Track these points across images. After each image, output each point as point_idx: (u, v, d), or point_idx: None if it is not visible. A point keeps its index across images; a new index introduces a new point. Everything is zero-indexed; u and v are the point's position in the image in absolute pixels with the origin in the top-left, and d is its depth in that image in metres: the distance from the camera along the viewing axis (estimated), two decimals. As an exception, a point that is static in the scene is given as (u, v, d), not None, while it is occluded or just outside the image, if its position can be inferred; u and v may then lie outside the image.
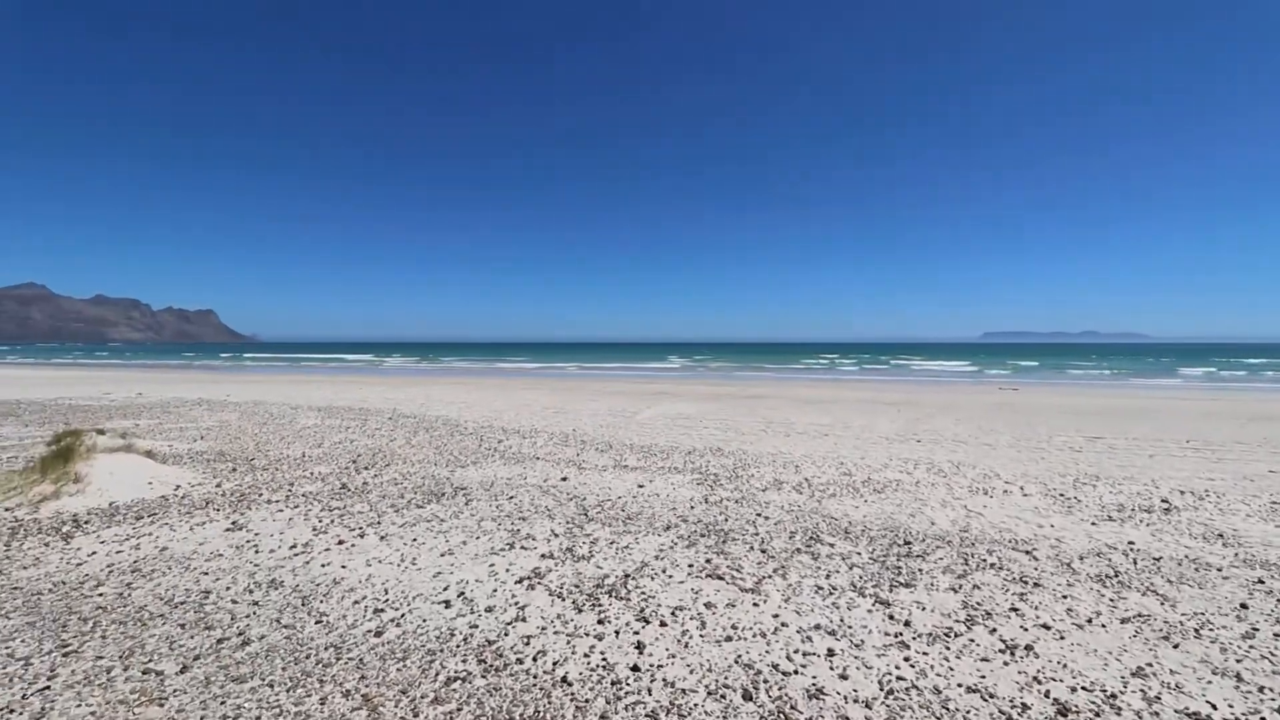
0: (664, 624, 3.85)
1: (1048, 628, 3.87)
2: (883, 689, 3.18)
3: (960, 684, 3.23)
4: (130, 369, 42.46)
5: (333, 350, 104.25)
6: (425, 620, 3.87)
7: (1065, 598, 4.32)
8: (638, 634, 3.72)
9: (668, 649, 3.56)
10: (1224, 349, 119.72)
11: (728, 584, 4.49)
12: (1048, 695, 3.14)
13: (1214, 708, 3.07)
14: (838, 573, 4.73)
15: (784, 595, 4.30)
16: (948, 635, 3.75)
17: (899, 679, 3.27)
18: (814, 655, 3.51)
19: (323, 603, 4.10)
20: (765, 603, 4.18)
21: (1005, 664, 3.44)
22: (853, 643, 3.65)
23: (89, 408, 15.36)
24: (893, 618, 3.98)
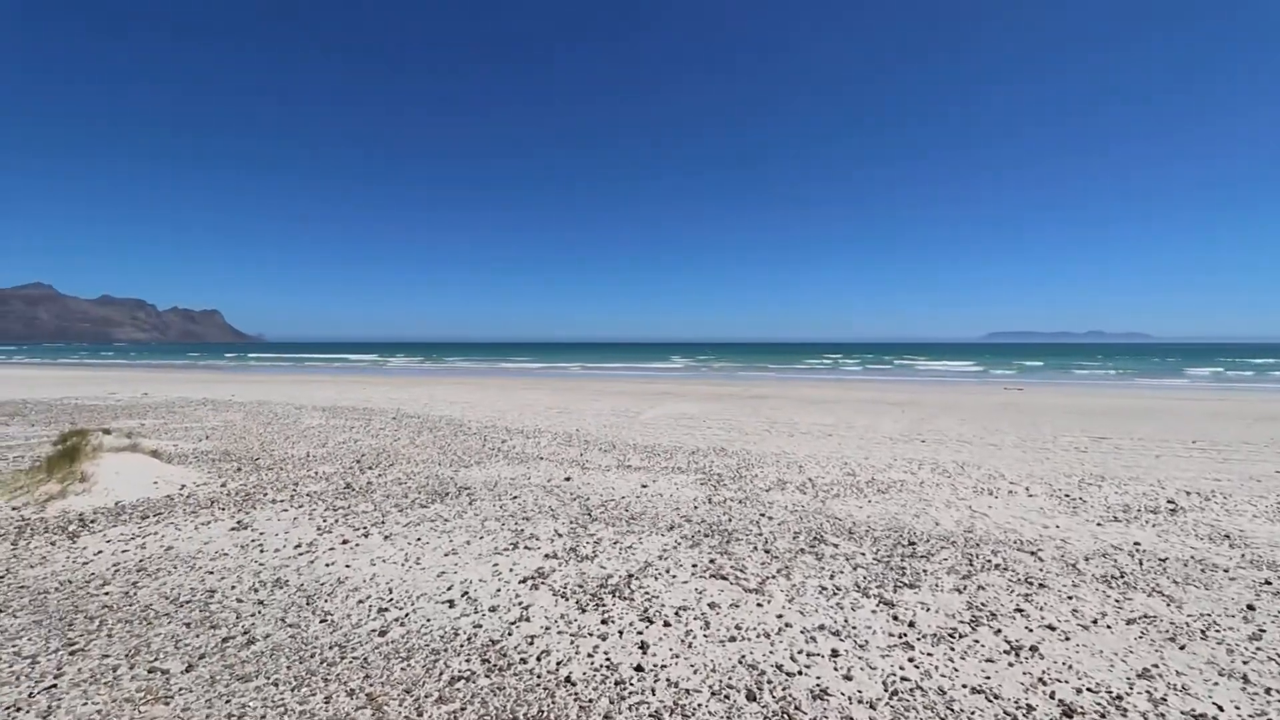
0: (668, 624, 3.85)
1: (1053, 629, 3.85)
2: (887, 690, 3.18)
3: (965, 685, 3.22)
4: (135, 369, 42.66)
5: (337, 350, 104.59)
6: (429, 620, 3.88)
7: (1070, 599, 4.31)
8: (641, 634, 3.72)
9: (671, 649, 3.56)
10: (1230, 349, 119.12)
11: (731, 584, 4.49)
12: (1053, 696, 3.13)
13: (1220, 709, 3.05)
14: (842, 573, 4.72)
15: (788, 596, 4.30)
16: (952, 636, 3.74)
17: (903, 680, 3.27)
18: (818, 656, 3.51)
19: (327, 602, 4.11)
20: (769, 603, 4.18)
21: (1010, 665, 3.43)
22: (857, 643, 3.65)
23: (95, 407, 15.43)
24: (897, 618, 3.97)
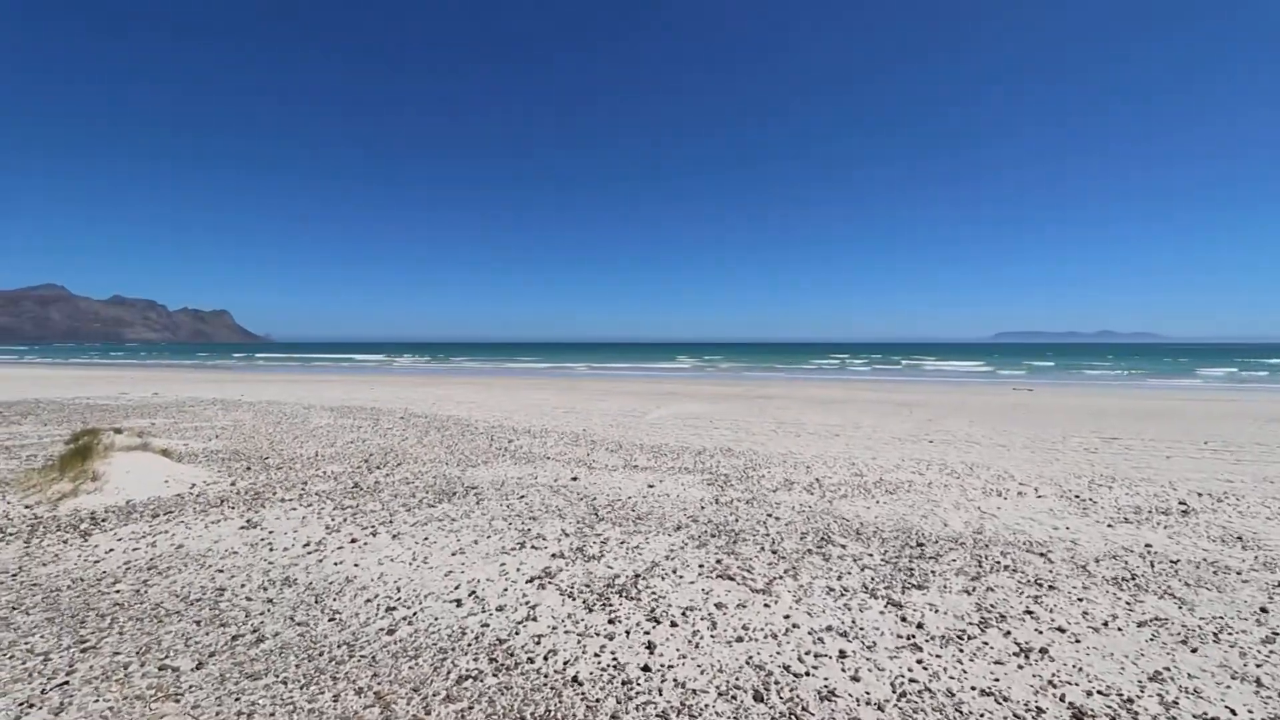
0: (675, 624, 3.85)
1: (1063, 631, 3.82)
2: (895, 691, 3.16)
3: (974, 687, 3.20)
4: (146, 369, 43.05)
5: (344, 350, 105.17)
6: (437, 619, 3.89)
7: (1081, 600, 4.27)
8: (648, 634, 3.72)
9: (678, 649, 3.55)
10: (1244, 349, 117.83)
11: (738, 584, 4.48)
12: (1063, 699, 3.11)
13: (1233, 713, 3.02)
14: (849, 574, 4.70)
15: (795, 596, 4.29)
16: (961, 638, 3.72)
17: (911, 681, 3.25)
18: (825, 657, 3.49)
19: (336, 601, 4.13)
20: (776, 604, 4.17)
21: (1020, 667, 3.40)
22: (865, 644, 3.63)
23: (106, 407, 15.58)
24: (905, 620, 3.95)
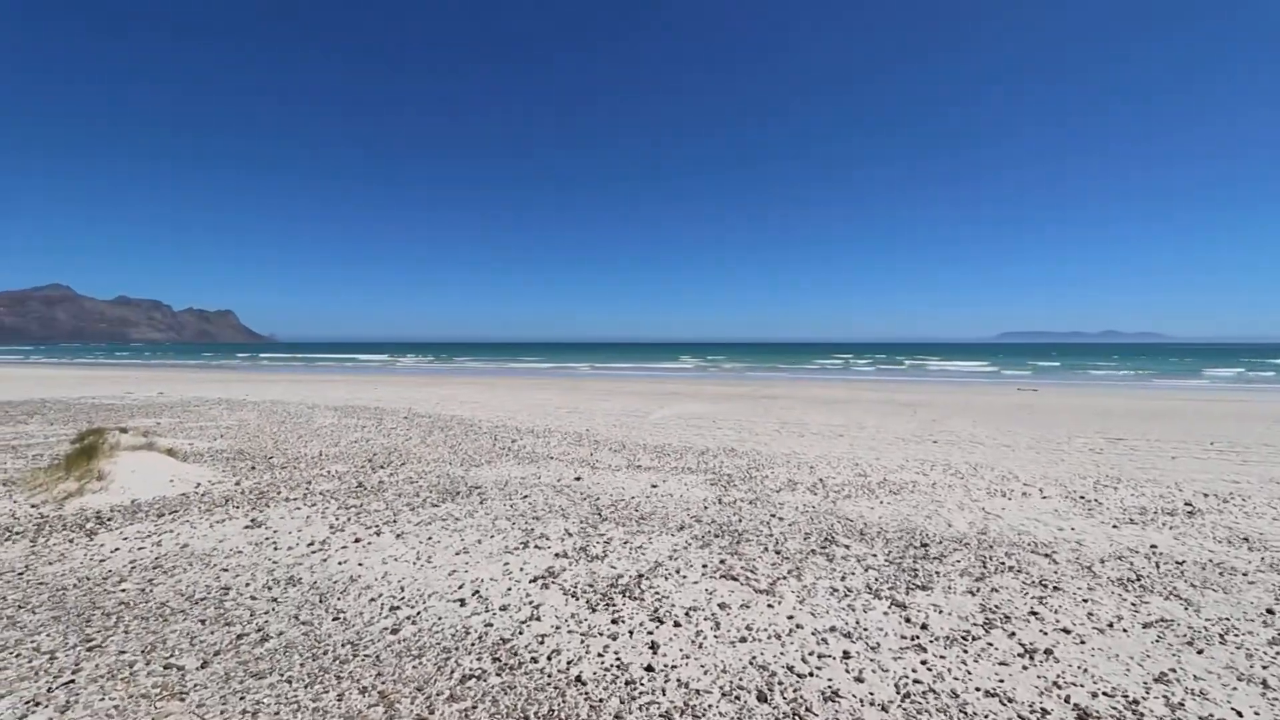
0: (678, 624, 3.84)
1: (1068, 632, 3.81)
2: (899, 692, 3.16)
3: (978, 688, 3.19)
4: (151, 369, 43.24)
5: (348, 350, 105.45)
6: (441, 618, 3.90)
7: (1086, 601, 4.26)
8: (652, 634, 3.72)
9: (682, 649, 3.55)
10: (1250, 349, 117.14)
11: (742, 585, 4.47)
12: (1068, 700, 3.09)
13: (1239, 715, 3.01)
14: (853, 575, 4.69)
15: (799, 597, 4.28)
16: (965, 639, 3.71)
17: (915, 682, 3.24)
18: (829, 657, 3.49)
19: (340, 600, 4.14)
20: (780, 604, 4.16)
21: (1024, 668, 3.39)
22: (868, 645, 3.63)
23: (112, 406, 15.65)
24: (909, 620, 3.94)
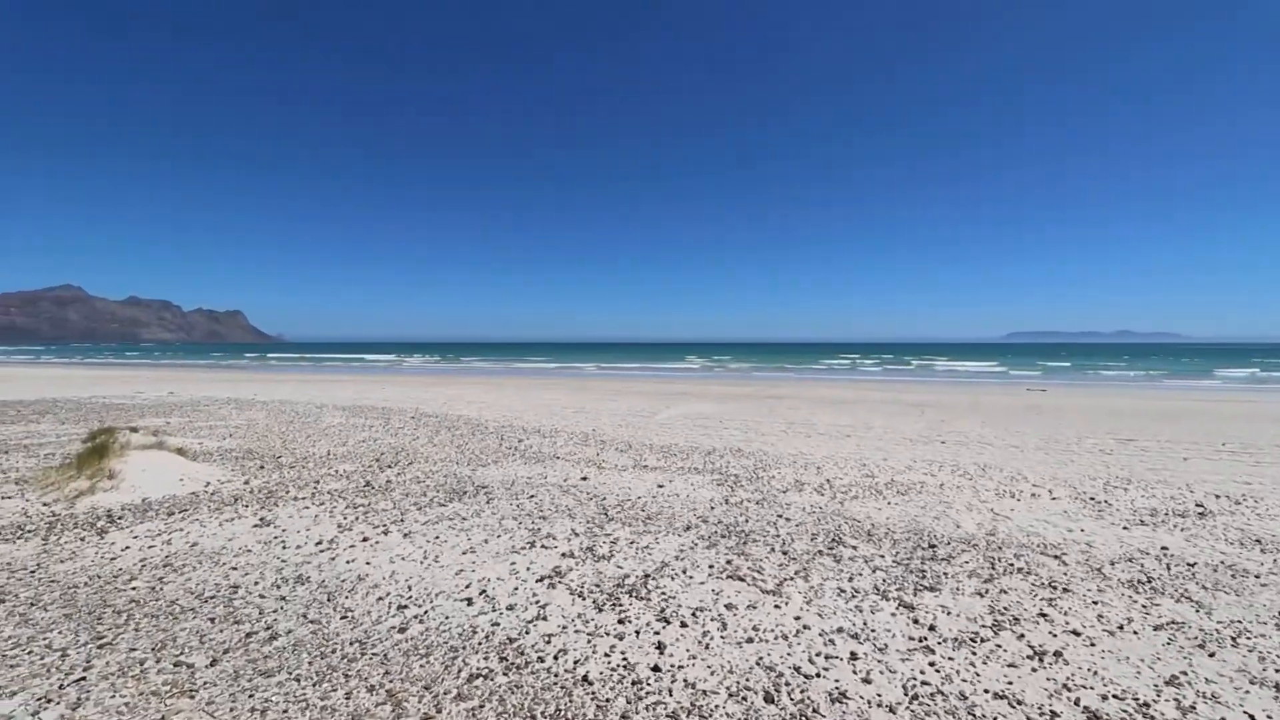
0: (685, 625, 3.84)
1: (1078, 634, 3.78)
2: (907, 694, 3.14)
3: (987, 690, 3.17)
4: (161, 368, 43.60)
5: (355, 351, 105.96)
6: (448, 617, 3.91)
7: (1096, 603, 4.22)
8: (658, 634, 3.72)
9: (688, 650, 3.55)
10: (1265, 349, 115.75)
11: (749, 585, 4.46)
12: (1078, 703, 3.07)
13: (1251, 719, 2.97)
14: (860, 575, 4.67)
15: (806, 597, 4.27)
16: (974, 640, 3.69)
17: (924, 684, 3.22)
18: (836, 658, 3.47)
19: (348, 599, 4.16)
20: (787, 605, 4.15)
21: (1033, 670, 3.37)
22: (876, 646, 3.61)
23: (122, 406, 15.79)
24: (917, 621, 3.92)
